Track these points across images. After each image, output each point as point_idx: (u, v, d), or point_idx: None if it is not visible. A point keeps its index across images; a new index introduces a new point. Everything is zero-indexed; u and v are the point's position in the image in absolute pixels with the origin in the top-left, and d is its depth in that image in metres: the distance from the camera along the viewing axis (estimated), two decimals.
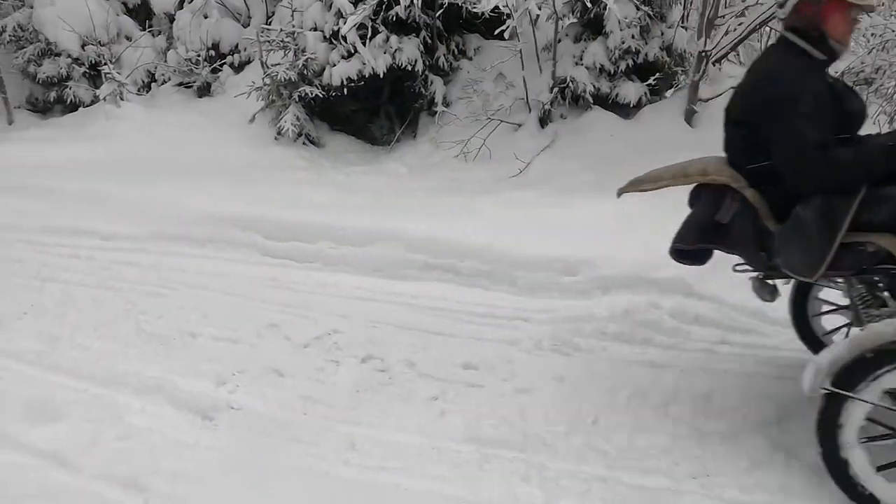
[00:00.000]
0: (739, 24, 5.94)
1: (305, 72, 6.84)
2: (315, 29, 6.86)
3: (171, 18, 8.45)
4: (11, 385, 2.90)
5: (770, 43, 7.18)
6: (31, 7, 8.39)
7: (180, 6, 8.18)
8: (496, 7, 5.36)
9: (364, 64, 6.53)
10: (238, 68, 8.00)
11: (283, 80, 6.73)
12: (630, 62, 6.20)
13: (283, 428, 2.62)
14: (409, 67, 6.65)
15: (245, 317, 3.69)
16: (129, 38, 8.73)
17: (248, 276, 4.27)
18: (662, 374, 3.01)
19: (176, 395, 2.81)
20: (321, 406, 2.78)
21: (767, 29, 6.75)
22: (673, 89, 6.78)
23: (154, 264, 4.46)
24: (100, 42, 8.41)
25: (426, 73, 6.86)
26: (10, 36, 8.54)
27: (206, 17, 7.96)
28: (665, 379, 2.95)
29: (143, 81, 8.63)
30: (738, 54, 7.52)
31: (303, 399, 2.83)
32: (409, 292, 3.96)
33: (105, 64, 8.03)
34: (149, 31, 8.76)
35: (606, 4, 5.16)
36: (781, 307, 3.44)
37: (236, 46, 8.07)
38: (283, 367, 3.10)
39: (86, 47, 8.37)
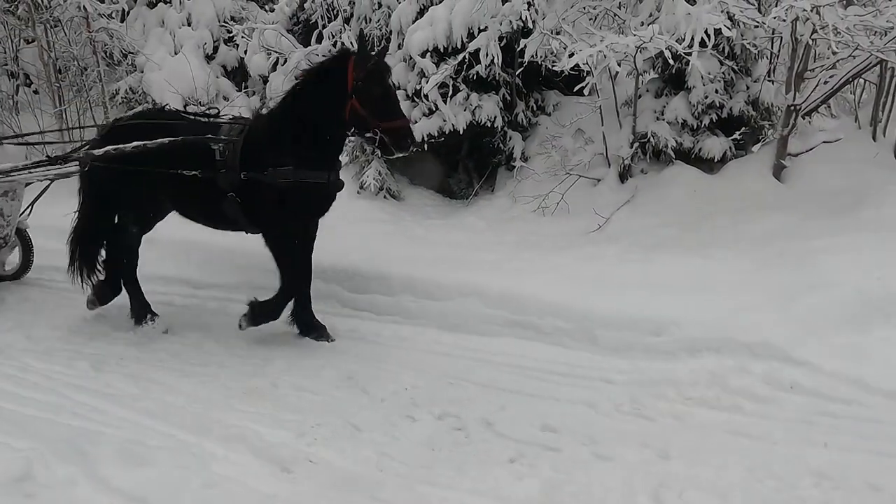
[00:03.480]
0: (831, 77, 5.74)
1: None
2: (398, 88, 7.12)
3: (265, 80, 8.98)
4: (107, 427, 3.04)
5: (864, 95, 6.89)
6: (142, 71, 9.13)
7: (274, 69, 8.68)
8: (576, 65, 5.41)
9: (444, 121, 6.69)
10: None
11: (366, 136, 6.98)
12: (714, 117, 6.07)
13: (358, 484, 2.62)
14: (489, 124, 6.76)
15: (325, 367, 3.76)
16: (226, 99, 9.32)
17: (328, 326, 4.36)
18: (753, 444, 2.84)
19: (257, 445, 2.87)
20: (397, 463, 2.77)
21: (862, 81, 6.50)
22: (760, 144, 6.57)
23: (241, 313, 4.62)
24: (200, 102, 9.01)
25: (505, 128, 6.95)
26: (122, 98, 9.29)
27: (297, 79, 8.44)
28: (756, 451, 2.78)
29: None
30: (828, 107, 7.25)
31: (378, 455, 2.83)
32: (488, 349, 3.94)
33: None
34: (244, 92, 9.33)
35: (689, 60, 5.11)
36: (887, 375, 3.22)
37: None
38: (359, 421, 3.12)
39: (187, 107, 8.99)
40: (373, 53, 3.90)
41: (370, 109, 3.69)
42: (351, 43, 7.92)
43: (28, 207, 5.06)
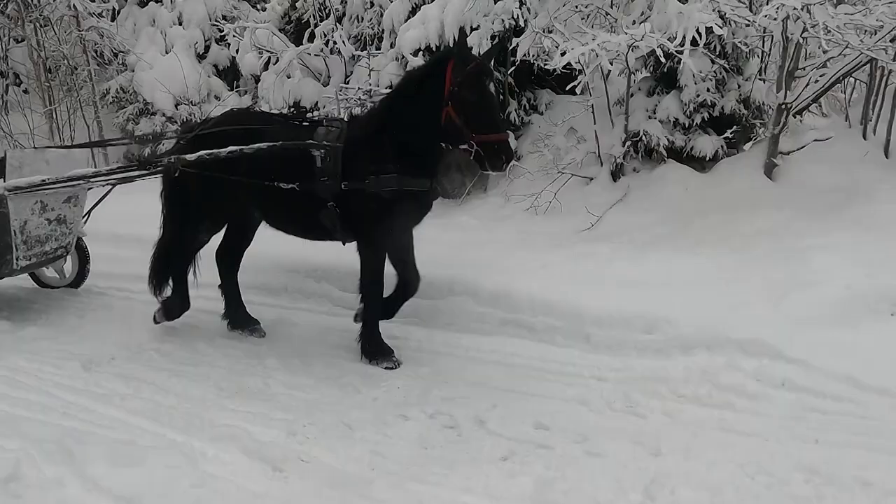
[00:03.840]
0: (821, 76, 5.77)
1: None
2: (391, 87, 7.11)
3: (257, 79, 8.95)
4: (97, 427, 3.02)
5: (854, 94, 6.92)
6: (133, 71, 9.09)
7: (265, 68, 8.66)
8: (568, 63, 5.41)
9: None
10: None
11: None
12: (705, 115, 6.09)
13: (350, 483, 2.61)
14: None
15: (317, 366, 3.75)
16: (217, 98, 9.30)
17: (320, 326, 4.35)
18: (744, 441, 2.84)
19: (248, 445, 2.85)
20: (389, 462, 2.76)
21: (852, 80, 6.53)
22: (751, 142, 6.59)
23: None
24: (191, 102, 8.99)
25: None
26: (112, 97, 9.25)
27: (288, 77, 8.40)
28: (747, 448, 2.79)
29: None
30: (819, 105, 7.28)
31: (370, 453, 2.82)
32: (480, 347, 3.93)
33: (195, 122, 8.57)
34: (236, 91, 9.30)
35: (680, 59, 5.11)
36: (876, 373, 3.23)
37: (316, 104, 8.45)
38: (351, 420, 3.11)
39: (179, 107, 8.96)
40: (475, 56, 3.59)
41: (465, 118, 3.37)
42: (343, 42, 7.92)
43: (85, 215, 4.83)
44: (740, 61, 6.24)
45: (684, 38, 4.73)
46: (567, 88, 6.14)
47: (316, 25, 8.31)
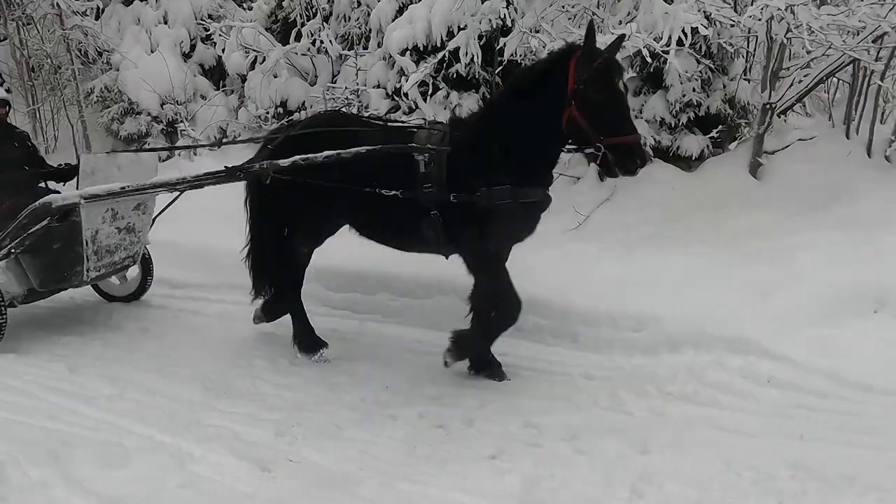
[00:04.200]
0: (805, 76, 5.83)
1: None
2: (378, 86, 7.10)
3: (244, 79, 8.90)
4: (83, 429, 2.99)
5: (837, 94, 6.98)
6: (117, 70, 9.00)
7: (252, 67, 8.62)
8: None
9: (425, 119, 6.70)
10: None
11: None
12: (691, 115, 6.13)
13: (339, 483, 2.60)
14: None
15: (306, 367, 3.74)
16: (203, 98, 9.23)
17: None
18: (731, 438, 2.87)
19: (236, 445, 2.84)
20: (378, 462, 2.76)
21: (835, 80, 6.60)
22: (737, 142, 6.64)
23: (219, 313, 4.58)
24: (177, 101, 8.91)
25: None
26: (97, 97, 9.15)
27: (275, 77, 8.36)
28: (734, 444, 2.81)
29: (216, 138, 9.06)
30: (804, 105, 7.35)
31: (359, 453, 2.82)
32: None
33: (181, 122, 8.50)
34: (222, 91, 9.24)
35: (667, 59, 5.14)
36: (860, 370, 3.27)
37: (303, 104, 8.41)
38: (340, 420, 3.10)
39: (164, 106, 8.87)
40: (601, 50, 3.13)
41: (592, 120, 3.02)
42: (330, 41, 7.89)
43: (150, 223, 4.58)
44: (725, 61, 6.29)
45: (670, 38, 4.76)
46: None
47: (303, 25, 8.28)
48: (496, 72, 6.69)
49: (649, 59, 5.32)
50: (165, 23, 9.30)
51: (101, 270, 4.21)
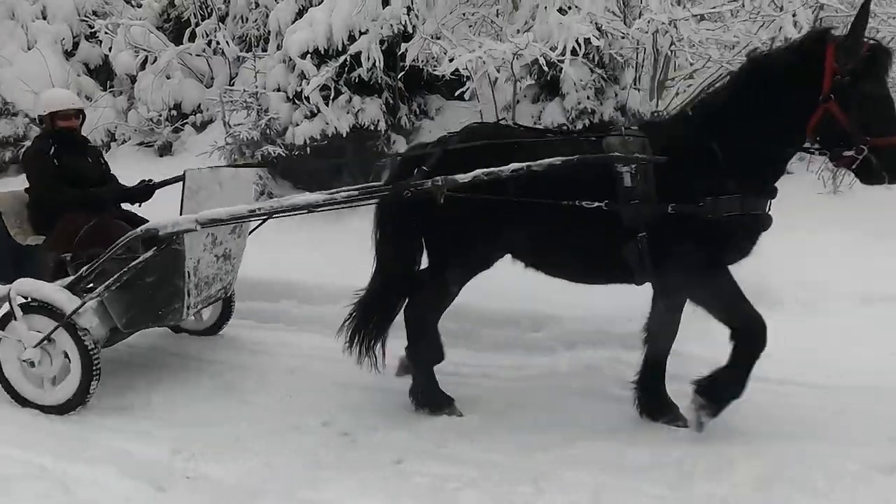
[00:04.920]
0: (689, 86, 6.23)
1: (268, 131, 6.89)
2: (278, 90, 6.95)
3: (133, 79, 8.47)
4: None
5: None
6: None
7: (142, 67, 8.22)
8: (456, 69, 5.52)
9: (327, 123, 6.60)
10: (200, 128, 8.01)
11: (245, 139, 6.77)
12: (587, 122, 6.40)
13: (238, 497, 2.53)
14: (372, 127, 6.75)
15: (204, 379, 3.60)
16: (89, 99, 8.70)
17: (207, 335, 4.18)
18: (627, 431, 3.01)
19: (128, 465, 2.69)
20: (281, 473, 2.70)
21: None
22: None
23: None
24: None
25: (389, 132, 6.97)
26: None
27: (168, 78, 8.01)
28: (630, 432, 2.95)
29: (103, 141, 8.57)
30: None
31: (262, 465, 2.75)
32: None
33: None
34: (110, 92, 8.75)
35: (562, 67, 5.35)
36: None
37: (198, 106, 8.11)
38: (241, 433, 3.01)
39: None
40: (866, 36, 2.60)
41: (857, 118, 2.55)
42: (227, 42, 7.65)
43: None
44: (617, 71, 6.59)
45: (565, 47, 4.95)
46: (456, 94, 6.27)
47: (197, 24, 7.99)
48: (399, 77, 6.72)
49: (546, 68, 5.52)
50: (44, 18, 8.72)
51: (198, 307, 3.61)
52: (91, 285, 3.27)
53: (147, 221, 3.39)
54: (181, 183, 3.64)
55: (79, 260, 3.43)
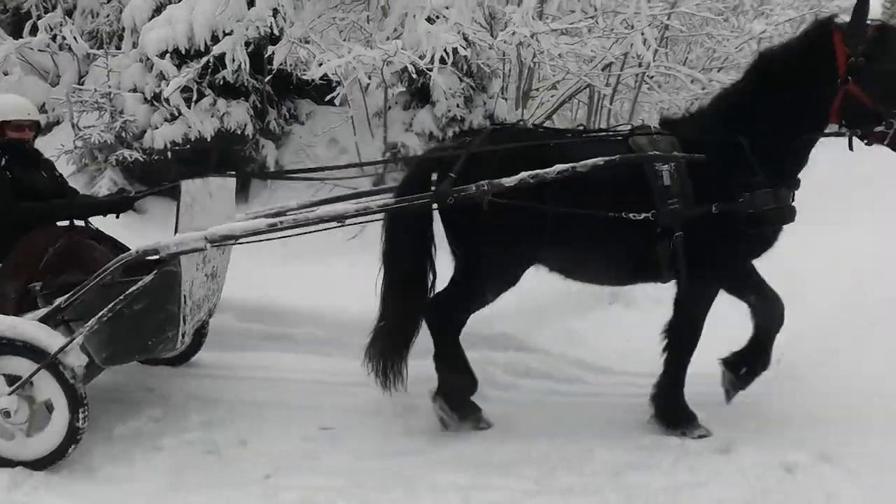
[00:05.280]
0: (552, 97, 6.55)
1: (124, 134, 6.47)
2: (135, 90, 6.54)
3: None
4: None
5: (580, 112, 7.89)
6: None
7: None
8: (326, 74, 5.45)
9: (190, 127, 6.29)
10: (45, 129, 7.38)
11: (97, 142, 6.31)
12: (457, 129, 6.54)
13: None
14: (239, 131, 6.51)
15: None
16: None
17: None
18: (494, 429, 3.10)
19: None
20: (138, 498, 2.53)
21: (577, 100, 7.50)
22: None
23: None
24: None
25: (257, 136, 6.75)
26: None
27: (6, 75, 7.31)
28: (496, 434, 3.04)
29: None
30: (553, 122, 8.24)
31: (117, 493, 2.56)
32: (242, 364, 3.78)
33: None
34: None
35: (431, 75, 5.44)
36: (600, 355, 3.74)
37: (43, 105, 7.45)
38: (94, 458, 2.79)
39: None
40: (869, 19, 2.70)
41: (881, 93, 2.65)
42: (74, 38, 7.11)
43: None
44: (485, 80, 6.80)
45: (433, 56, 5.03)
46: (327, 99, 6.19)
47: (39, 17, 7.34)
48: (266, 80, 6.54)
49: (415, 76, 5.59)
50: None
51: (190, 333, 3.13)
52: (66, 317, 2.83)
53: (114, 239, 3.00)
54: (177, 195, 2.97)
55: (50, 289, 2.95)
